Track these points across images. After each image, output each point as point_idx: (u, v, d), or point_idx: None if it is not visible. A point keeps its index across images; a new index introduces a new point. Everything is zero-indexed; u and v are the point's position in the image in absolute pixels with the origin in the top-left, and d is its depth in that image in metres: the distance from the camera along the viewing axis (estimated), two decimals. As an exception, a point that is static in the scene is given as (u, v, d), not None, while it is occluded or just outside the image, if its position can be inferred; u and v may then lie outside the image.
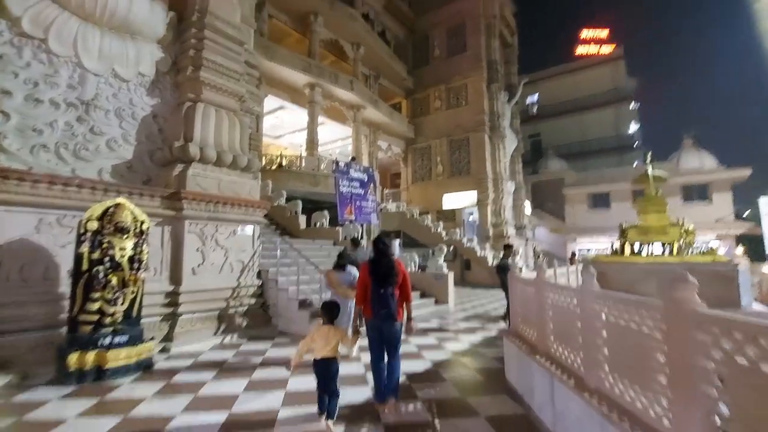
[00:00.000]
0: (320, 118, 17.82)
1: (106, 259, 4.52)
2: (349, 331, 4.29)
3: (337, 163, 11.54)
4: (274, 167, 14.95)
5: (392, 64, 21.86)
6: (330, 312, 3.22)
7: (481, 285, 15.30)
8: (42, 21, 5.48)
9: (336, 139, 22.25)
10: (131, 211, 4.92)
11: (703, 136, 25.02)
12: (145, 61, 6.63)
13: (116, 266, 4.59)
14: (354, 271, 5.23)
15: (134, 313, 4.75)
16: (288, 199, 12.56)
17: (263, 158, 15.24)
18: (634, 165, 26.89)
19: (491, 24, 21.73)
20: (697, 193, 22.61)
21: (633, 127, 31.82)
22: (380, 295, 3.30)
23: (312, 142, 16.51)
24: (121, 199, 4.90)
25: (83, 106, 5.91)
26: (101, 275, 4.45)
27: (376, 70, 21.86)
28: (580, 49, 36.38)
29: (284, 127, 20.74)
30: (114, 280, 4.55)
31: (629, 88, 31.87)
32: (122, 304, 4.60)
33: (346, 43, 18.83)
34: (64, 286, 4.86)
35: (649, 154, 9.41)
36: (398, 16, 23.49)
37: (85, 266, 4.42)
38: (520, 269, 5.28)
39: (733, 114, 61.61)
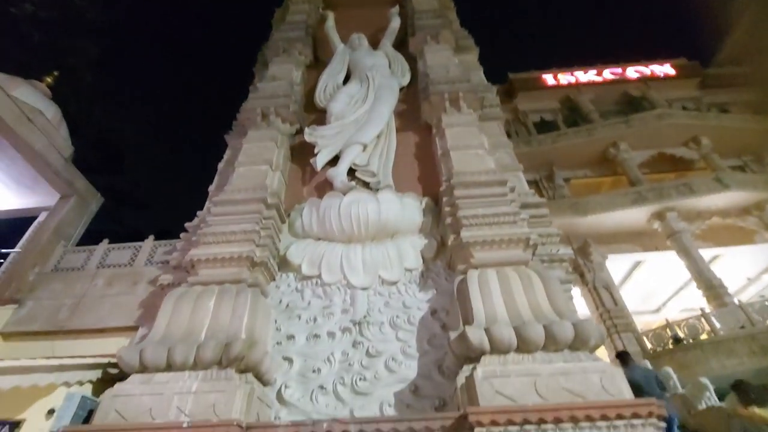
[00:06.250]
0: (708, 251, 11.74)
1: None
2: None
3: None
4: (668, 346, 9.45)
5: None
6: None
7: None
8: (315, 260, 5.67)
9: (759, 272, 13.73)
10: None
11: None
12: (408, 254, 5.69)
13: None
14: None
15: None
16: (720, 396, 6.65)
17: (645, 340, 10.20)
18: None
19: None
20: None
21: None
22: None
23: (712, 288, 10.28)
24: (345, 448, 2.79)
25: (356, 327, 5.06)
26: None
27: (751, 153, 14.40)
28: None
29: (660, 292, 14.87)
30: None
31: None
32: None
33: (676, 147, 13.97)
34: None
35: None
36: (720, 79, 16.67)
37: None
38: None
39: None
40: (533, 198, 6.37)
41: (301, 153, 7.53)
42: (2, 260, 7.26)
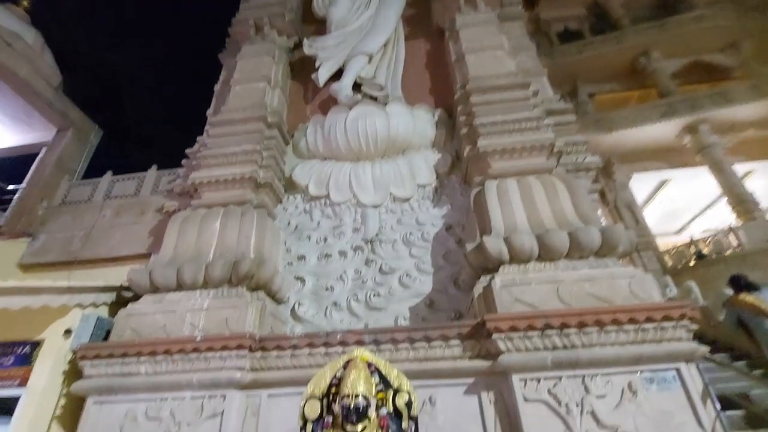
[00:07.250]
0: (740, 166, 11.01)
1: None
2: None
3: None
4: (690, 263, 9.25)
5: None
6: None
7: None
8: (323, 180, 5.37)
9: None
10: (377, 368, 2.53)
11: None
12: (420, 170, 5.32)
13: None
14: None
15: None
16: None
17: (667, 258, 10.00)
18: None
19: None
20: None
21: None
22: None
23: (743, 202, 9.78)
24: (359, 352, 2.67)
25: (368, 245, 4.88)
26: None
27: (802, 55, 12.86)
28: None
29: (684, 211, 14.37)
30: None
31: None
32: None
33: (713, 53, 12.58)
34: None
35: None
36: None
37: None
38: None
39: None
40: (558, 104, 5.76)
41: (302, 69, 6.90)
42: (11, 196, 7.19)
